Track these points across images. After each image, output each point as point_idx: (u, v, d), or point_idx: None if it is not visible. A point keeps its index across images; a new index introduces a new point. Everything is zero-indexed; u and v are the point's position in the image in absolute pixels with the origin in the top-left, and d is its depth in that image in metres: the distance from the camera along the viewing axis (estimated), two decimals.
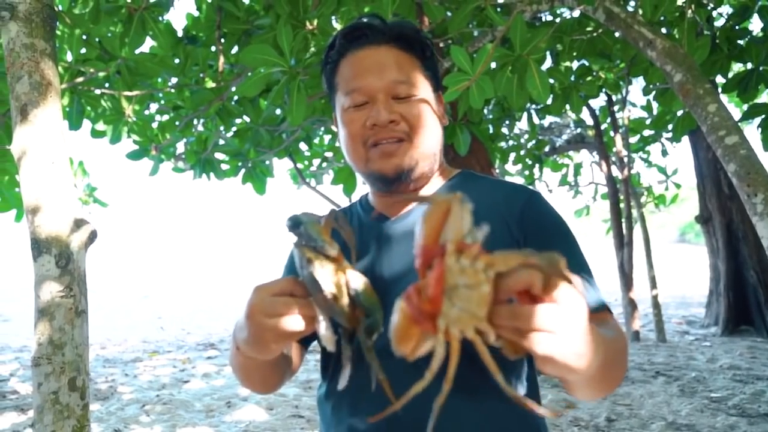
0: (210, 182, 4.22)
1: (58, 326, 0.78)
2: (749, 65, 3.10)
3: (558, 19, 3.61)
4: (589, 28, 3.10)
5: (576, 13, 3.41)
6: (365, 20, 0.92)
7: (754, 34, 3.16)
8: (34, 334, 0.80)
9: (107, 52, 3.11)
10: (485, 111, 5.08)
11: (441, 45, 3.49)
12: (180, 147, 4.22)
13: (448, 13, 2.97)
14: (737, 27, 3.14)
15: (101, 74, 3.12)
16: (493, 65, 2.80)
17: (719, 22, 3.34)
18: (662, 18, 2.81)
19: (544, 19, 3.74)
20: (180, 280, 15.63)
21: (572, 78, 3.71)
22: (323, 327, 0.65)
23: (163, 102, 3.96)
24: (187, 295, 12.03)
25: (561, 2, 2.43)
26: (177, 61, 3.35)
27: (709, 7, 3.46)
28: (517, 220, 0.87)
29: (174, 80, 3.59)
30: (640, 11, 2.51)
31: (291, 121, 2.18)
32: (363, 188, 4.76)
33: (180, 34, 3.39)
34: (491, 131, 5.12)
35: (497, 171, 5.67)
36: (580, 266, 0.85)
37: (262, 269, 18.76)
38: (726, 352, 5.26)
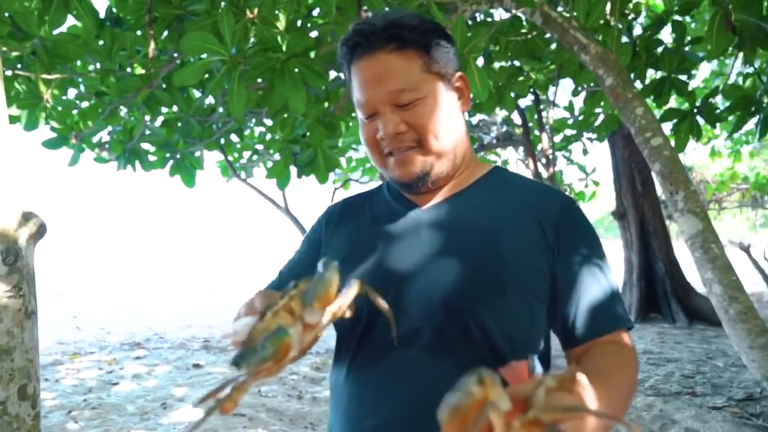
0: (136, 174, 4.00)
1: (6, 329, 0.71)
2: (663, 73, 3.34)
3: (493, 20, 3.71)
4: (523, 30, 3.21)
5: (506, 15, 3.53)
6: (359, 26, 0.89)
7: (667, 44, 3.40)
8: None
9: (21, 29, 2.87)
10: None
11: None
12: (103, 136, 3.97)
13: (387, 9, 2.98)
14: (653, 37, 3.37)
15: (14, 54, 2.87)
16: None
17: (637, 32, 3.57)
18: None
19: (478, 19, 3.84)
20: (97, 277, 14.74)
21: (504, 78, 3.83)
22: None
23: (83, 88, 3.71)
24: (105, 293, 11.38)
25: (500, 3, 2.50)
26: (101, 44, 3.15)
27: (629, 17, 3.69)
28: (553, 228, 0.87)
29: (97, 65, 3.36)
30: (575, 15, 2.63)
31: (231, 112, 2.12)
32: (296, 181, 4.64)
33: (102, 15, 3.18)
34: None
35: None
36: (606, 289, 0.87)
37: (189, 265, 18.07)
38: (639, 338, 5.66)
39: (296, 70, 2.13)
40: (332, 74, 3.41)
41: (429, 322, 0.84)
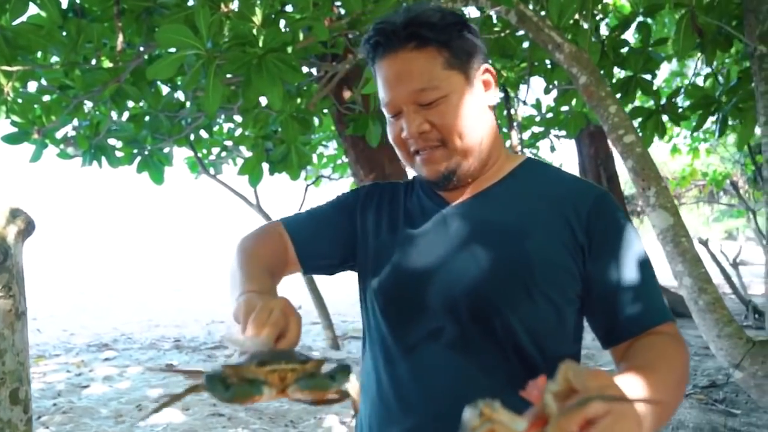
0: (102, 170, 3.89)
1: None
2: (629, 72, 3.43)
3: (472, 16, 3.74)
4: (496, 29, 3.25)
5: (477, 13, 3.56)
6: (379, 24, 0.87)
7: (632, 44, 3.50)
8: None
9: None
10: None
11: (350, 36, 3.49)
12: (68, 131, 3.84)
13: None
14: (619, 38, 3.46)
15: None
16: None
17: (603, 32, 3.67)
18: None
19: None
20: (57, 276, 14.27)
21: None
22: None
23: (44, 81, 3.58)
24: (66, 293, 11.03)
25: (475, 2, 2.53)
26: (65, 35, 3.04)
27: (598, 18, 3.78)
28: (584, 224, 0.85)
29: (60, 57, 3.25)
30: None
31: (207, 107, 2.08)
32: (268, 179, 4.61)
33: (66, 5, 3.07)
34: None
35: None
36: (648, 281, 0.85)
37: (155, 263, 17.67)
38: None
39: (273, 65, 2.10)
40: (304, 70, 3.39)
41: (452, 320, 0.84)
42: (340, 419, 3.51)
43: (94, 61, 3.34)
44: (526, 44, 3.49)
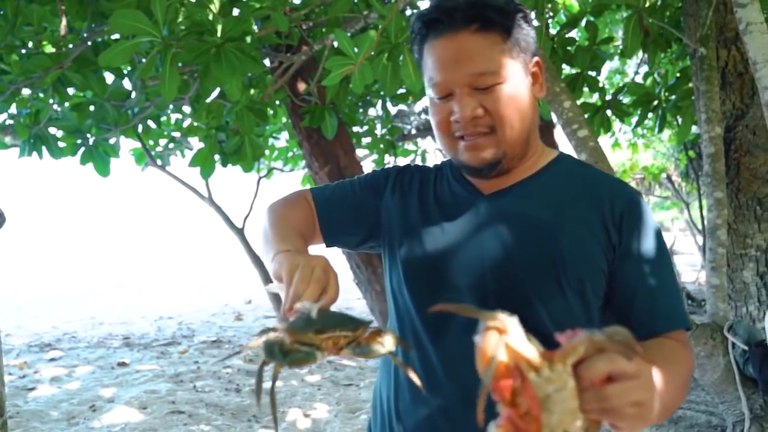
0: (42, 161, 3.70)
1: None
2: (577, 69, 3.56)
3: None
4: None
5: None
6: (441, 2, 0.84)
7: (579, 43, 3.63)
8: None
9: None
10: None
11: (305, 27, 3.46)
12: (4, 119, 3.63)
13: None
14: (567, 36, 3.59)
15: None
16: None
17: (551, 31, 3.79)
18: None
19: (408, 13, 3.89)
20: None
21: None
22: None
23: None
24: None
25: None
26: (1, 15, 2.87)
27: (547, 16, 3.90)
28: (617, 223, 0.86)
29: None
30: None
31: (164, 96, 2.02)
32: (221, 171, 4.51)
33: None
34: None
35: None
36: (669, 286, 0.86)
37: (95, 259, 16.93)
38: None
39: (233, 55, 2.06)
40: None
41: (481, 306, 0.83)
42: (304, 412, 3.50)
43: (32, 45, 3.17)
44: None
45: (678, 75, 3.55)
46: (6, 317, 7.75)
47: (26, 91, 3.41)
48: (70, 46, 2.97)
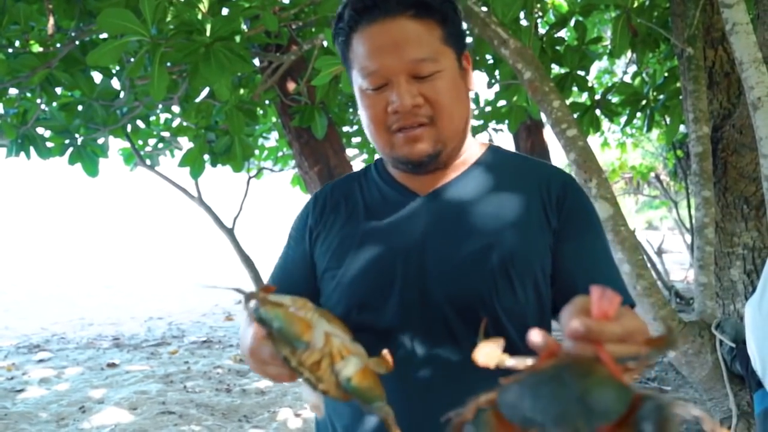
0: (30, 161, 3.66)
1: None
2: (566, 69, 3.59)
3: None
4: None
5: None
6: None
7: (568, 42, 3.66)
8: None
9: None
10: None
11: (294, 27, 3.45)
12: None
13: None
14: (556, 36, 3.61)
15: None
16: None
17: (540, 30, 3.81)
18: None
19: None
20: None
21: None
22: (306, 391, 0.65)
23: None
24: None
25: None
26: None
27: (536, 15, 3.92)
28: (555, 209, 0.85)
29: None
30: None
31: (153, 95, 2.01)
32: (210, 171, 4.49)
33: None
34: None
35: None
36: (608, 263, 0.86)
37: (84, 260, 16.78)
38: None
39: (222, 54, 2.05)
40: None
41: (439, 317, 0.80)
42: (294, 412, 3.49)
43: (19, 44, 3.13)
44: (469, 39, 3.57)
45: (666, 75, 3.58)
46: None
47: (13, 91, 3.37)
48: (58, 45, 2.95)
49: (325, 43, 2.62)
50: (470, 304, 0.80)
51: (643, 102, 3.52)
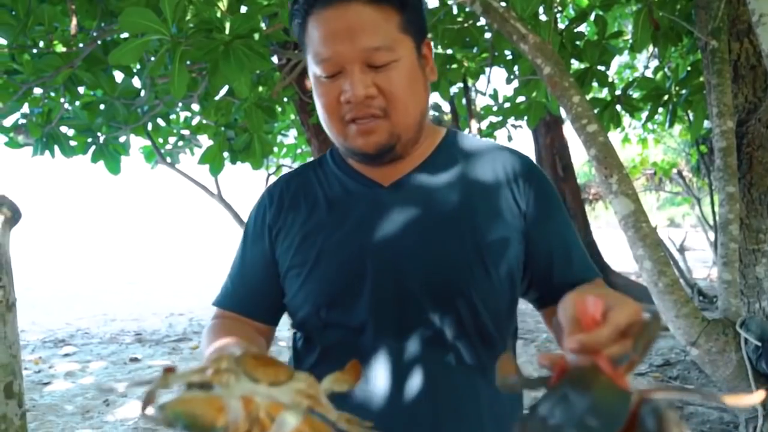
0: (53, 159, 3.74)
1: None
2: (586, 64, 3.54)
3: (432, 7, 3.77)
4: (459, 19, 3.29)
5: (435, 2, 3.59)
6: None
7: (587, 37, 3.61)
8: None
9: None
10: None
11: None
12: (17, 118, 3.67)
13: None
14: (576, 30, 3.56)
15: None
16: None
17: (561, 25, 3.77)
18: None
19: None
20: None
21: (438, 65, 3.92)
22: None
23: None
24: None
25: None
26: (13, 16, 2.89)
27: (556, 10, 3.87)
28: (520, 190, 0.84)
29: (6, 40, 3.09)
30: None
31: (174, 93, 2.03)
32: (230, 168, 4.54)
33: None
34: None
35: None
36: (576, 240, 0.88)
37: (107, 256, 17.09)
38: None
39: (241, 52, 2.07)
40: None
41: (414, 310, 0.79)
42: None
43: (43, 45, 3.19)
44: (487, 35, 3.54)
45: (689, 69, 3.51)
46: (21, 313, 7.84)
47: (38, 91, 3.44)
48: (81, 45, 3.00)
49: None
50: (447, 295, 0.79)
51: (665, 97, 3.46)
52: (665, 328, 0.51)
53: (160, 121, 4.78)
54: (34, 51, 3.07)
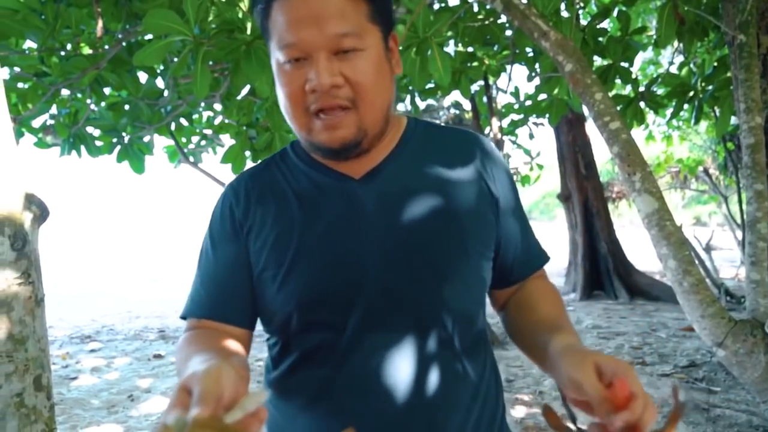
0: (79, 159, 3.81)
1: (18, 318, 0.67)
2: (608, 60, 3.49)
3: (447, 5, 3.75)
4: (480, 17, 3.27)
5: (456, 0, 3.57)
6: None
7: (610, 33, 3.55)
8: None
9: None
10: None
11: None
12: (45, 119, 3.76)
13: None
14: (599, 26, 3.51)
15: None
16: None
17: (583, 21, 3.72)
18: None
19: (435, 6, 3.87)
20: None
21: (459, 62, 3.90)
22: None
23: (17, 68, 3.48)
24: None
25: None
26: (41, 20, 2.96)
27: (578, 6, 3.83)
28: (490, 175, 0.85)
29: (35, 43, 3.16)
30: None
31: (196, 93, 2.06)
32: (249, 166, 4.65)
33: None
34: None
35: None
36: (528, 223, 0.91)
37: (131, 254, 17.41)
38: (587, 314, 5.95)
39: (262, 51, 2.09)
40: None
41: (405, 302, 0.78)
42: None
43: (71, 47, 3.27)
44: (508, 32, 3.51)
45: (715, 64, 3.44)
46: (49, 310, 8.02)
47: (65, 92, 3.52)
48: (106, 47, 3.06)
49: None
50: (434, 283, 0.78)
51: (691, 93, 3.39)
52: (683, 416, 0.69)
53: (183, 121, 4.85)
54: (62, 53, 3.14)
